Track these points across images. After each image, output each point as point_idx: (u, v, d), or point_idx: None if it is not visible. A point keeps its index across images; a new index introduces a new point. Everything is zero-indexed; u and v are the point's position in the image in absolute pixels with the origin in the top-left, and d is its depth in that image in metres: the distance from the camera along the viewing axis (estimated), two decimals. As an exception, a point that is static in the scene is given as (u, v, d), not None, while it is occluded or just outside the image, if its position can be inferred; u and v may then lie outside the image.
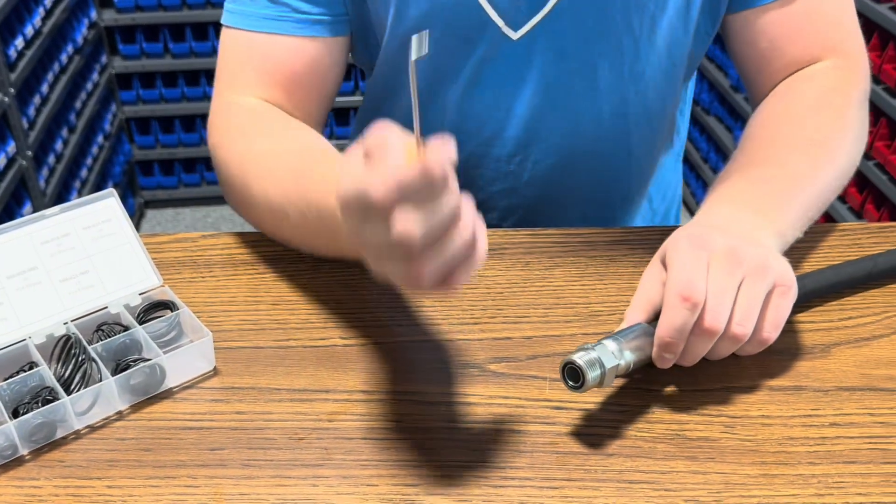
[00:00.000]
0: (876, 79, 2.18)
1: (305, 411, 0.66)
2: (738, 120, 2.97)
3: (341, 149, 0.66)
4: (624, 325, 0.65)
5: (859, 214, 2.26)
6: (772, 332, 0.65)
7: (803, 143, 0.79)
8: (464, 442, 0.63)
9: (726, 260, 0.63)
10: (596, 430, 0.63)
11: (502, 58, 0.85)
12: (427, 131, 0.95)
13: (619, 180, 0.96)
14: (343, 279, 0.78)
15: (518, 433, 0.63)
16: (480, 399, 0.66)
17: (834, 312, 0.74)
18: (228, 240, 0.83)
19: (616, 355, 0.62)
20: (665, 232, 0.79)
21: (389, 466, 0.61)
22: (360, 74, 2.87)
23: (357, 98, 2.87)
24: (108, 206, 0.75)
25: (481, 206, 0.94)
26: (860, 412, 0.65)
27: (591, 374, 0.60)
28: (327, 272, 0.79)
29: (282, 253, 0.81)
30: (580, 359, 0.60)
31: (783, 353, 0.70)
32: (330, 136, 2.73)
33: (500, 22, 0.83)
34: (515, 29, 0.83)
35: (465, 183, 0.94)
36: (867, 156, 2.21)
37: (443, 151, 0.49)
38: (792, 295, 0.66)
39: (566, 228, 0.84)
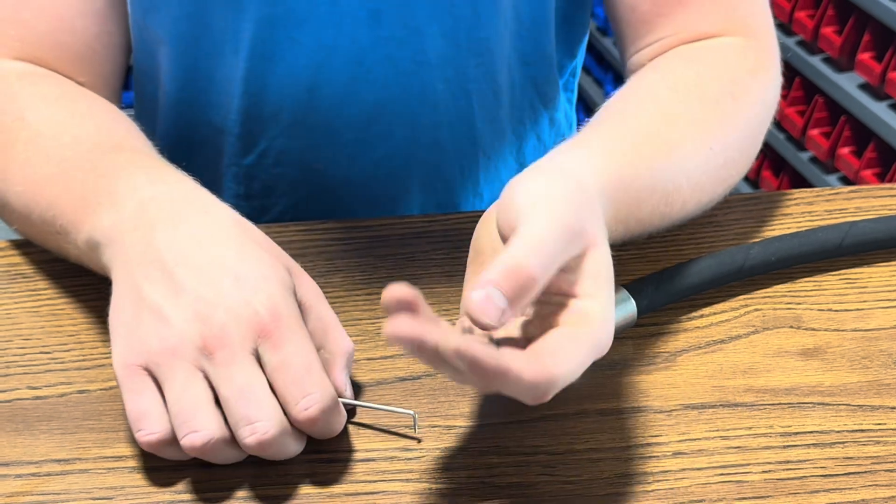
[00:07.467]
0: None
1: (-29, 496, 0.49)
2: (608, 70, 2.46)
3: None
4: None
5: (755, 183, 2.12)
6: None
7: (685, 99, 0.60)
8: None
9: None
10: (381, 487, 0.50)
11: (295, 23, 0.70)
12: (213, 116, 0.77)
13: (461, 174, 0.80)
14: (32, 304, 0.60)
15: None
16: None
17: (682, 310, 0.61)
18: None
19: None
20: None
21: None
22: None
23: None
24: None
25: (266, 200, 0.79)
26: (711, 435, 0.52)
27: None
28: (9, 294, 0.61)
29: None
30: None
31: (616, 366, 0.57)
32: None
33: None
34: None
35: (262, 184, 0.78)
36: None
37: None
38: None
39: (351, 220, 0.68)
